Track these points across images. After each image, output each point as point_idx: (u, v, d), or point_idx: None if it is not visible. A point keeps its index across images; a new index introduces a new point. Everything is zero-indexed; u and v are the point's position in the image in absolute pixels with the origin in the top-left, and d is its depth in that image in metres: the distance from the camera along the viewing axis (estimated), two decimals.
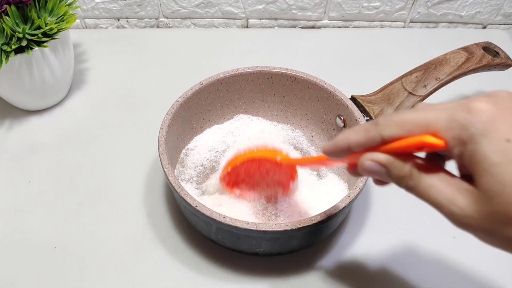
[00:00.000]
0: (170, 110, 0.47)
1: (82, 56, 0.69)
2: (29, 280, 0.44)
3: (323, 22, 0.75)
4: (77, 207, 0.50)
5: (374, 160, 0.28)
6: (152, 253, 0.45)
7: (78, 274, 0.44)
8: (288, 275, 0.44)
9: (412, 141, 0.26)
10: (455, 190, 0.25)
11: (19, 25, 0.52)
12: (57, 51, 0.56)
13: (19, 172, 0.53)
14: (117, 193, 0.51)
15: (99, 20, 0.74)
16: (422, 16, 0.74)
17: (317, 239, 0.45)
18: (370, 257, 0.45)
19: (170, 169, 0.42)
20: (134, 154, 0.55)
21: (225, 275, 0.44)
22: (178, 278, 0.44)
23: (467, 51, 0.51)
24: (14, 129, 0.58)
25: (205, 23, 0.75)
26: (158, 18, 0.74)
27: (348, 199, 0.40)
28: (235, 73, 0.52)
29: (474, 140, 0.24)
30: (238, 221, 0.38)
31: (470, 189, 0.25)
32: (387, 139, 0.28)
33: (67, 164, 0.54)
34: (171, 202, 0.50)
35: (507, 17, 0.74)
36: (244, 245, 0.43)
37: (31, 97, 0.58)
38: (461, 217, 0.25)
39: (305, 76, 0.51)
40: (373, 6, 0.72)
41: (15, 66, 0.52)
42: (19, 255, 0.45)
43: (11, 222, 0.48)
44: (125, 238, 0.47)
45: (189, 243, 0.46)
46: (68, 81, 0.61)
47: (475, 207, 0.24)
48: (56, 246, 0.46)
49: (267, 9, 0.72)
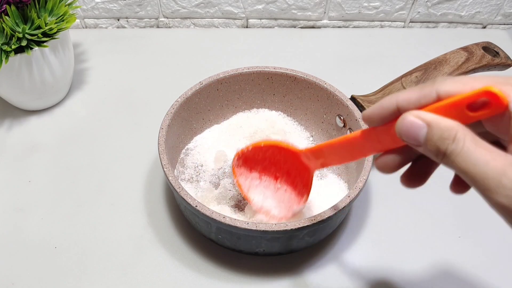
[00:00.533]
0: (170, 110, 0.47)
1: (82, 56, 0.69)
2: (29, 280, 0.44)
3: (323, 22, 0.75)
4: (77, 207, 0.50)
5: (418, 116, 0.25)
6: (152, 253, 0.45)
7: (78, 274, 0.44)
8: (288, 275, 0.44)
9: (473, 93, 0.23)
10: (507, 163, 0.23)
11: (19, 25, 0.52)
12: (57, 51, 0.56)
13: (19, 172, 0.53)
14: (117, 193, 0.51)
15: (99, 20, 0.74)
16: (422, 16, 0.74)
17: (317, 239, 0.45)
18: (370, 257, 0.45)
19: (170, 169, 0.42)
20: (134, 154, 0.55)
21: (224, 275, 0.44)
22: (178, 278, 0.44)
23: (467, 51, 0.51)
24: (14, 129, 0.58)
25: (205, 23, 0.75)
26: (158, 18, 0.74)
27: (348, 199, 0.40)
28: (235, 73, 0.52)
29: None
30: (238, 221, 0.38)
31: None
32: (443, 96, 0.25)
33: (67, 164, 0.54)
34: (171, 202, 0.50)
35: (507, 17, 0.74)
36: (244, 245, 0.43)
37: (31, 97, 0.58)
38: (510, 191, 0.22)
39: (305, 76, 0.51)
40: (373, 6, 0.72)
41: (15, 66, 0.52)
42: (19, 255, 0.45)
43: (11, 222, 0.48)
44: (125, 238, 0.47)
45: (189, 243, 0.46)
46: (68, 81, 0.61)
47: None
48: (56, 246, 0.46)
49: (267, 9, 0.72)
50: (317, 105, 0.53)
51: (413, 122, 0.25)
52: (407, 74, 0.50)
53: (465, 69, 0.49)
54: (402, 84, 0.49)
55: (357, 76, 0.65)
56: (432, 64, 0.51)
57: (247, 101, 0.55)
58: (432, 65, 0.50)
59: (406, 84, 0.49)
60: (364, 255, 0.45)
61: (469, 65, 0.49)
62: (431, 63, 0.51)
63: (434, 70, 0.50)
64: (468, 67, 0.49)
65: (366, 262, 0.45)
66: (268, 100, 0.55)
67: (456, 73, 0.49)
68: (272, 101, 0.55)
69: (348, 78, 0.64)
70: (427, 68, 0.50)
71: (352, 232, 0.47)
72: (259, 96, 0.55)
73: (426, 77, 0.49)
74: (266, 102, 0.55)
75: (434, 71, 0.50)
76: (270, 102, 0.55)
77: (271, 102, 0.55)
